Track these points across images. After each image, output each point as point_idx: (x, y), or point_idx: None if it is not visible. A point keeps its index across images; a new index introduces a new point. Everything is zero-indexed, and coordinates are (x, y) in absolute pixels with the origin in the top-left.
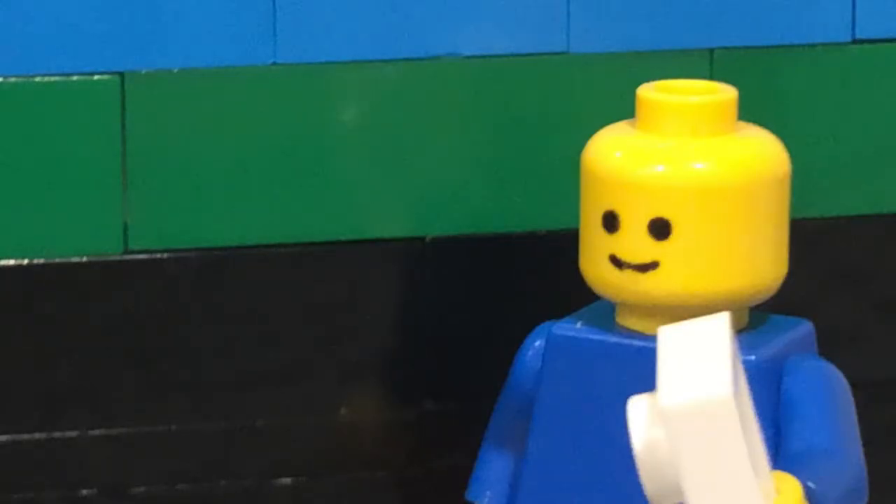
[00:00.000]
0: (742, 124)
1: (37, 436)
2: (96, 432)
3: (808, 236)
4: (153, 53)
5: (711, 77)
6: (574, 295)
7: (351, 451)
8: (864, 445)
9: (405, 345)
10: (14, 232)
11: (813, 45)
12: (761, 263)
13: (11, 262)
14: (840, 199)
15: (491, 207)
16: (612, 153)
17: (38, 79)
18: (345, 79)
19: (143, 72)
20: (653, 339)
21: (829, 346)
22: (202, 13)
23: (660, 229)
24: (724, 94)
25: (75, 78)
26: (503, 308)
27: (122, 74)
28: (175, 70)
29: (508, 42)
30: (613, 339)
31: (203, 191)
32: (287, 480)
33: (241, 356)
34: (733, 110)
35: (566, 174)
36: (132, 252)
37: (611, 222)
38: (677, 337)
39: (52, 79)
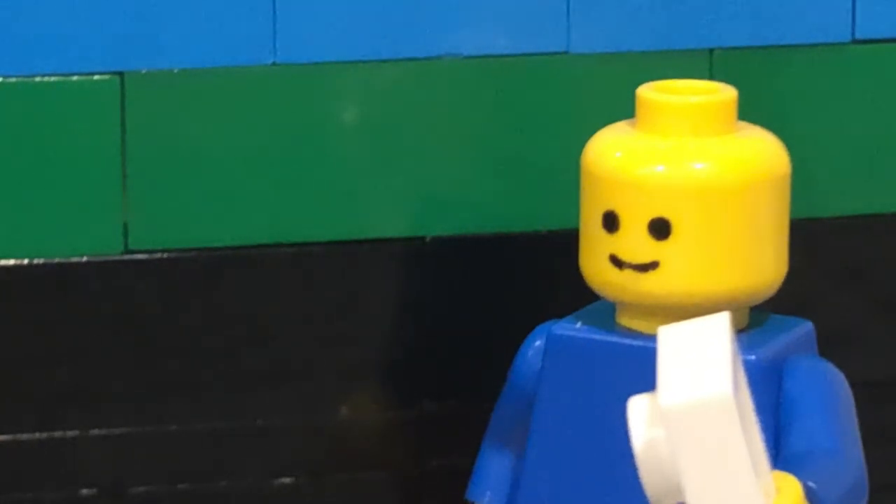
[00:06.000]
0: (742, 124)
1: (37, 436)
2: (96, 432)
3: (808, 236)
4: (153, 53)
5: (711, 77)
6: (574, 295)
7: (351, 451)
8: (864, 445)
9: (405, 345)
10: (14, 232)
11: (813, 45)
12: (761, 263)
13: (11, 262)
14: (840, 199)
15: (491, 207)
16: (612, 153)
17: (38, 79)
18: (345, 79)
19: (143, 72)
20: (653, 339)
21: (829, 346)
22: (202, 13)
23: (660, 229)
24: (724, 94)
25: (75, 78)
26: (503, 308)
27: (122, 74)
28: (175, 70)
29: (508, 42)
30: (613, 339)
31: (203, 191)
32: (287, 480)
33: (241, 356)
34: (733, 110)
35: (566, 174)
36: (132, 252)
37: (611, 222)
38: (677, 337)
39: (52, 79)
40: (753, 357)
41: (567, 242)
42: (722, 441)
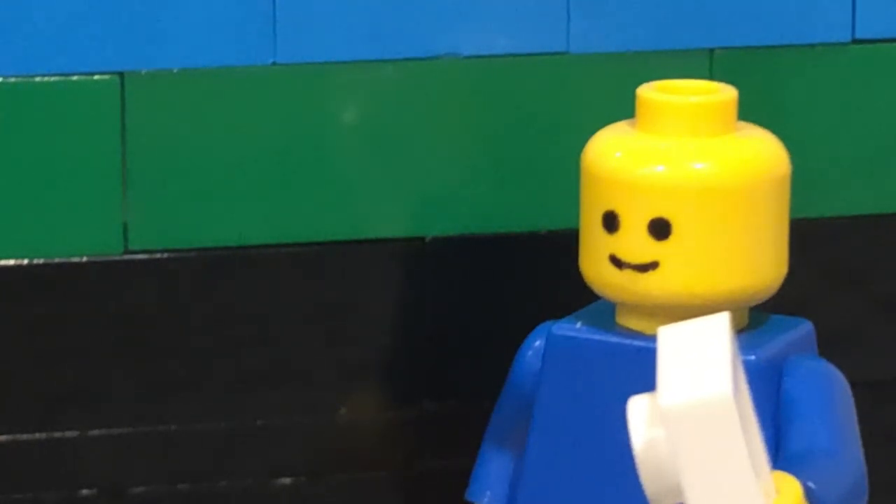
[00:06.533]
0: (742, 124)
1: (37, 436)
2: (96, 432)
3: (808, 236)
4: (153, 53)
5: (711, 77)
6: (574, 295)
7: (351, 451)
8: (864, 445)
9: (405, 345)
10: (14, 232)
11: (813, 45)
12: (761, 263)
13: (11, 262)
14: (840, 199)
15: (491, 207)
16: (612, 153)
17: (38, 79)
18: (345, 79)
19: (143, 72)
20: (653, 339)
21: (829, 346)
22: (202, 13)
23: (660, 229)
24: (724, 94)
25: (75, 78)
26: (503, 308)
27: (122, 74)
28: (175, 70)
29: (508, 42)
30: (613, 339)
31: (203, 191)
32: (287, 480)
33: (241, 356)
34: (733, 110)
35: (566, 174)
36: (132, 252)
37: (611, 222)
38: (677, 337)
39: (52, 79)
40: (753, 357)
41: (567, 242)
42: (722, 441)
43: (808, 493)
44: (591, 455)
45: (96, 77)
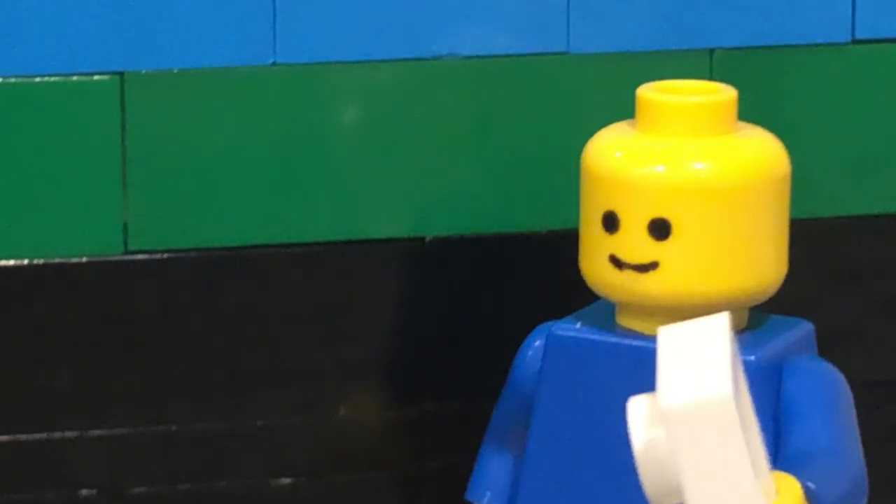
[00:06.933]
0: (742, 124)
1: (37, 436)
2: (96, 432)
3: (808, 236)
4: (153, 53)
5: (711, 77)
6: (574, 295)
7: (351, 451)
8: (864, 445)
9: (405, 345)
10: (14, 232)
11: (813, 45)
12: (761, 263)
13: (11, 262)
14: (840, 199)
15: (491, 207)
16: (612, 153)
17: (38, 79)
18: (345, 79)
19: (143, 72)
20: (653, 339)
21: (829, 346)
22: (202, 13)
23: (660, 229)
24: (724, 94)
25: (75, 78)
26: (503, 308)
27: (122, 74)
28: (175, 70)
29: (508, 42)
30: (613, 339)
31: (203, 191)
32: (287, 480)
33: (241, 356)
34: (733, 110)
35: (566, 174)
36: (132, 252)
37: (611, 222)
38: (677, 337)
39: (52, 79)
40: (753, 357)
41: (567, 242)
42: (722, 441)
43: (808, 493)
44: (591, 455)
45: (96, 77)
